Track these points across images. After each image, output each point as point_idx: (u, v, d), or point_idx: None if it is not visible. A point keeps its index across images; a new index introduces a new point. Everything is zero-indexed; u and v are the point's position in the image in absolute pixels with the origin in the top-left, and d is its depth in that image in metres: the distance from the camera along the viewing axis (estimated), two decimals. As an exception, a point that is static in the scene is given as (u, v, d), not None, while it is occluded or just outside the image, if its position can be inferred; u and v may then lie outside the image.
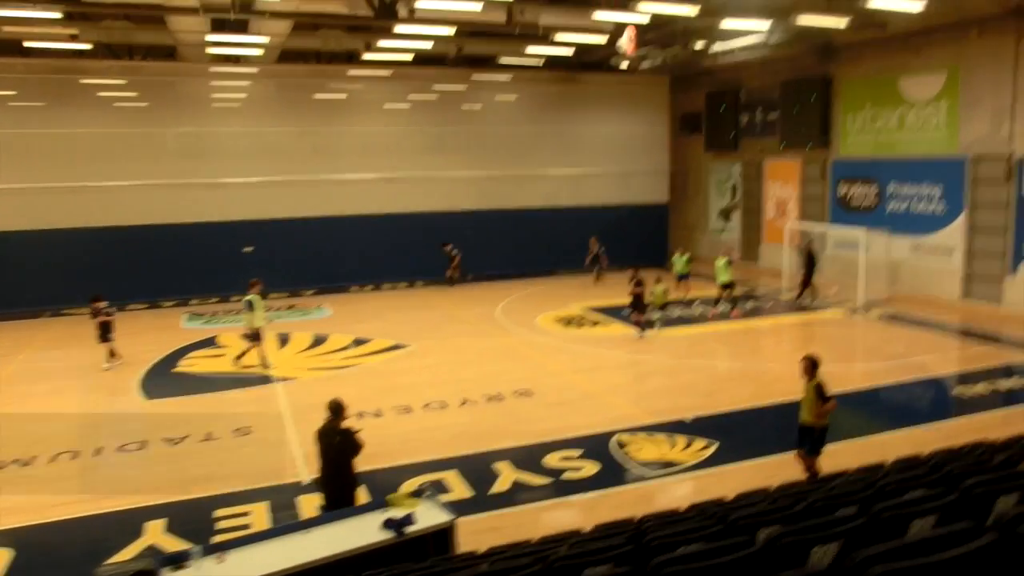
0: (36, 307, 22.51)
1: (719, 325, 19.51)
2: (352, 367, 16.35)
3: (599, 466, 10.53)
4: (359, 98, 26.39)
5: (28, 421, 13.18)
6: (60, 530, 9.19)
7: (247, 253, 24.93)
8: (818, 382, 9.25)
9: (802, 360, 9.44)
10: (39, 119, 22.72)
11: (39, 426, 12.81)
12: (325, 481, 8.28)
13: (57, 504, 9.80)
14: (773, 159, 27.56)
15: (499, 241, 27.28)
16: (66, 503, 9.83)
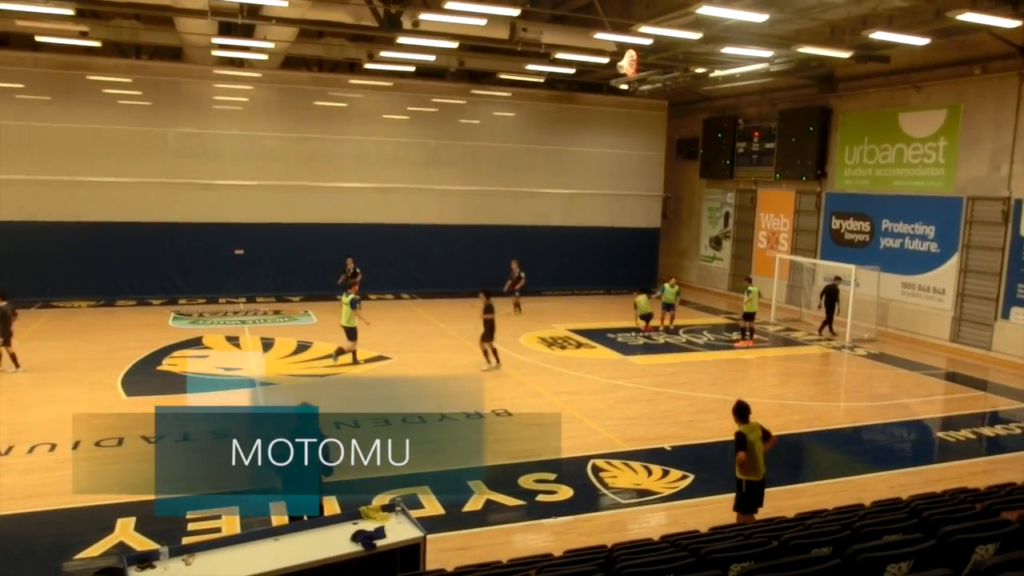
0: (28, 298, 22.40)
1: (703, 355, 19.46)
2: (333, 376, 16.19)
3: (573, 491, 10.39)
4: (358, 107, 26.42)
5: (9, 410, 13.22)
6: (32, 521, 9.22)
7: (238, 256, 24.93)
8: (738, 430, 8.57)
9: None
10: (44, 112, 22.89)
11: (20, 416, 12.93)
12: None
13: (31, 495, 9.84)
14: (767, 189, 27.62)
15: (487, 257, 27.16)
16: (40, 495, 9.85)
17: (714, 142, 29.70)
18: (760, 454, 8.44)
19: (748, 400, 8.94)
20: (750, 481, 8.49)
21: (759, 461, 8.45)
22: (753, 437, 8.44)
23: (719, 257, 30.37)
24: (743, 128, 28.50)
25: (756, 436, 8.46)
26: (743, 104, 28.49)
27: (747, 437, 8.40)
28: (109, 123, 23.53)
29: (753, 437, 8.44)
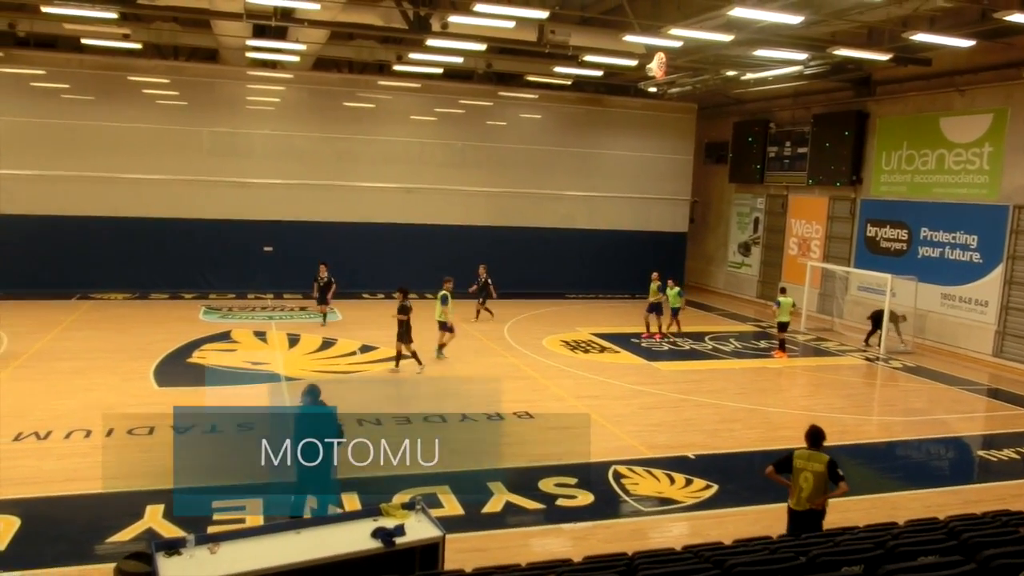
0: (68, 289, 23.47)
1: (730, 362, 19.18)
2: (357, 373, 16.25)
3: (594, 496, 10.23)
4: (386, 108, 26.57)
5: (50, 396, 13.61)
6: (66, 504, 9.48)
7: (267, 252, 25.22)
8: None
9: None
10: (87, 111, 23.62)
11: (59, 402, 13.26)
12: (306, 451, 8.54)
13: (67, 479, 10.10)
14: (799, 194, 27.21)
15: (512, 259, 27.08)
16: (75, 479, 10.10)
17: (744, 146, 29.34)
18: (808, 485, 7.70)
19: (774, 411, 8.76)
20: (790, 508, 7.95)
21: (801, 491, 7.74)
22: (804, 464, 7.76)
23: (748, 263, 29.99)
24: (775, 132, 28.11)
25: (813, 467, 7.72)
26: (775, 107, 28.11)
27: (794, 462, 7.82)
28: (147, 122, 24.15)
29: (804, 464, 7.76)
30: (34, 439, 11.48)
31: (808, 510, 7.71)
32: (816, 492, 7.65)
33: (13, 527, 8.67)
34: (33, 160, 23.27)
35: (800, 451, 7.86)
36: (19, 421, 12.11)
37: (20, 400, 13.27)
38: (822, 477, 7.63)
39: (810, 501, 7.68)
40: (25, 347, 16.94)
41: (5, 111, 23.19)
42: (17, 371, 15.15)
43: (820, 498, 7.66)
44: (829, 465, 7.64)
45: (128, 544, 8.31)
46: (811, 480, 7.66)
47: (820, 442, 7.84)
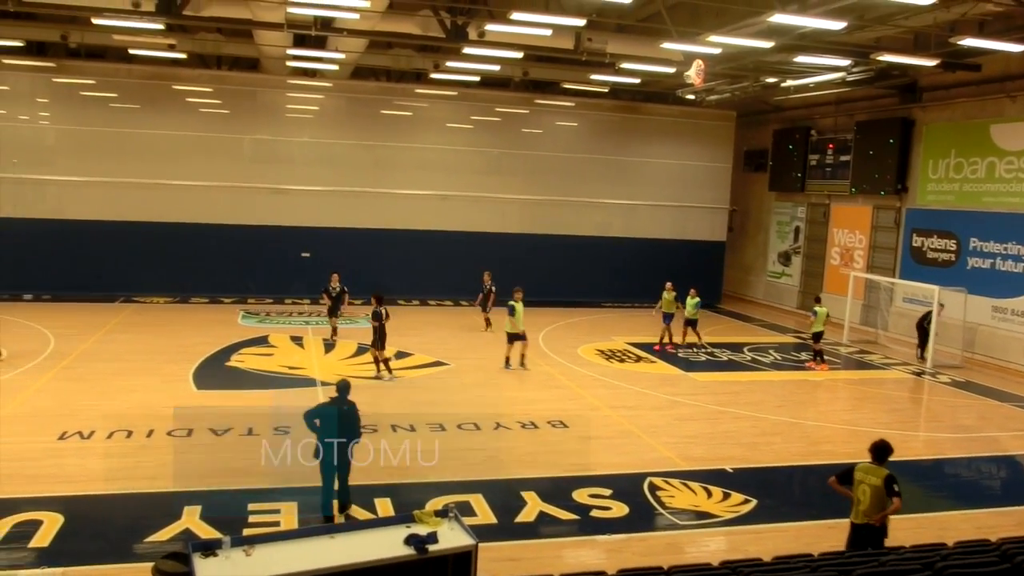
0: (112, 292, 24.09)
1: (769, 374, 18.87)
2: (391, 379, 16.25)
3: (628, 508, 10.10)
4: (423, 116, 26.75)
5: (93, 397, 13.93)
6: (107, 503, 9.68)
7: (304, 258, 25.50)
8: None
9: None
10: (133, 120, 24.25)
11: (102, 403, 13.56)
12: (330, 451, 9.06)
13: (108, 478, 10.26)
14: (842, 203, 26.74)
15: (547, 267, 27.04)
16: (116, 479, 10.27)
17: (785, 154, 28.93)
18: (865, 498, 7.60)
19: (815, 424, 8.55)
20: (851, 521, 7.86)
21: (859, 503, 7.66)
22: (863, 477, 7.67)
23: (788, 273, 29.54)
24: (816, 140, 27.68)
25: (871, 480, 7.60)
26: (816, 115, 27.69)
27: (854, 474, 7.76)
28: (191, 130, 24.70)
29: (863, 477, 7.67)
30: (78, 438, 11.72)
31: (866, 524, 7.62)
32: (873, 507, 7.56)
33: (57, 524, 8.86)
34: (82, 166, 23.89)
35: (863, 464, 7.83)
36: (64, 420, 12.37)
37: (65, 400, 13.56)
38: (879, 492, 7.53)
39: (867, 516, 7.60)
40: (71, 348, 17.31)
41: (57, 119, 23.93)
42: (63, 372, 15.48)
43: (877, 514, 7.54)
44: (886, 480, 7.54)
45: (166, 544, 8.43)
46: (868, 493, 7.58)
47: (884, 456, 7.78)
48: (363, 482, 9.87)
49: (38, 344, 17.57)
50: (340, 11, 16.92)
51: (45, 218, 23.66)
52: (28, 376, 15.01)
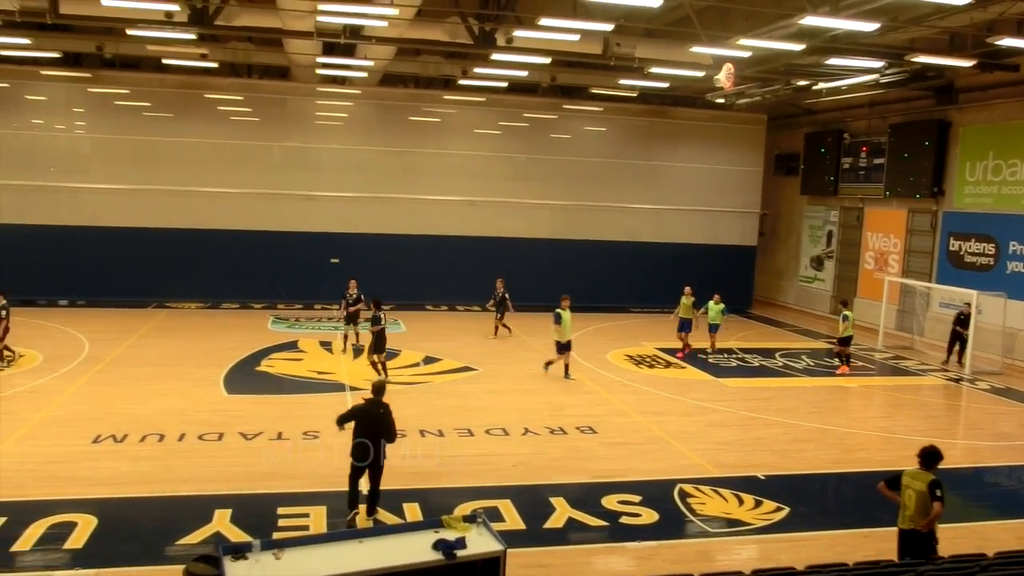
0: (145, 297, 24.53)
1: (801, 380, 18.59)
2: (420, 384, 16.34)
3: (658, 515, 9.99)
4: (451, 122, 26.89)
5: (126, 401, 14.13)
6: (140, 506, 9.78)
7: (334, 264, 25.67)
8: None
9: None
10: (165, 128, 24.69)
11: (134, 406, 13.78)
12: (361, 450, 9.18)
13: (141, 481, 10.44)
14: (876, 207, 26.33)
15: (576, 272, 26.94)
16: (148, 482, 10.45)
17: (817, 157, 28.58)
18: (911, 503, 7.53)
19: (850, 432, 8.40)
20: (899, 527, 7.78)
21: (906, 508, 7.60)
22: (909, 482, 7.61)
23: (820, 278, 29.14)
24: (849, 143, 27.31)
25: (917, 485, 7.54)
26: (849, 117, 27.33)
27: (901, 479, 7.71)
28: (221, 138, 25.09)
29: (909, 482, 7.61)
30: (111, 442, 11.88)
31: (913, 530, 7.55)
32: (918, 512, 7.49)
33: (91, 526, 8.98)
34: (117, 174, 24.37)
35: (910, 469, 7.78)
36: (98, 424, 12.56)
37: (99, 404, 13.76)
38: (924, 497, 7.47)
39: (913, 521, 7.53)
40: (105, 353, 17.59)
41: (93, 128, 24.43)
42: (97, 376, 15.72)
43: (924, 520, 7.45)
44: (931, 484, 7.48)
45: (197, 547, 8.49)
46: (914, 499, 7.54)
47: (932, 462, 7.70)
48: (391, 487, 9.88)
49: (73, 349, 17.89)
50: (369, 19, 17.04)
51: (80, 225, 24.18)
52: (63, 380, 15.27)
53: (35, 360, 16.74)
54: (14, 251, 23.46)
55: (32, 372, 15.77)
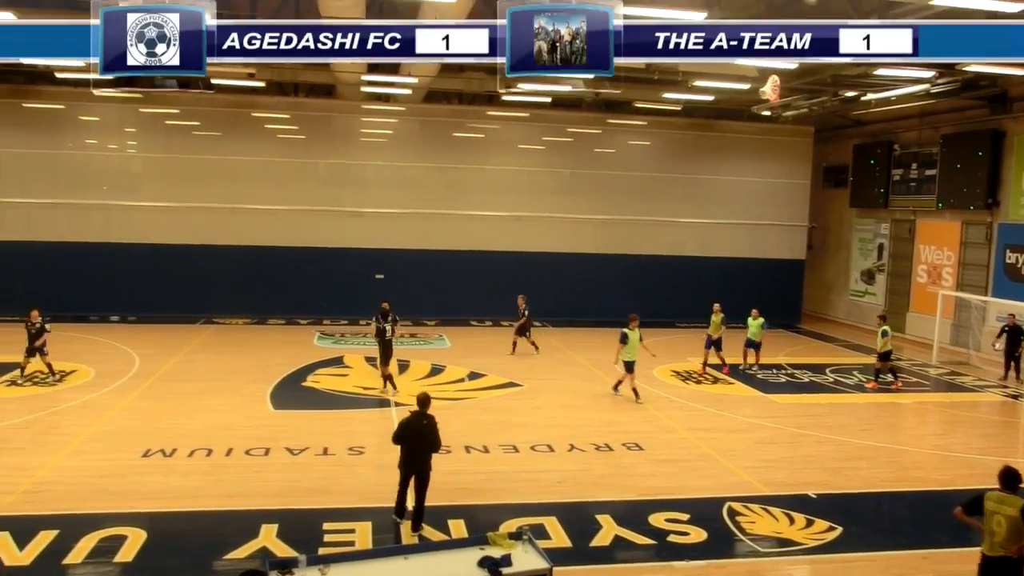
0: (193, 313, 24.90)
1: (853, 396, 18.13)
2: (465, 400, 16.32)
3: (707, 533, 9.79)
4: (495, 137, 27.00)
5: (175, 416, 14.33)
6: (188, 520, 9.93)
7: (378, 279, 25.86)
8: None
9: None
10: (214, 146, 25.26)
11: (183, 421, 13.98)
12: (406, 462, 9.46)
13: (189, 496, 10.59)
14: (928, 219, 25.70)
15: (621, 287, 26.77)
16: (196, 496, 10.61)
17: (866, 169, 28.03)
18: (1000, 530, 7.15)
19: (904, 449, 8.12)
20: (982, 553, 7.41)
21: (994, 535, 7.20)
22: (996, 507, 7.21)
23: (871, 292, 28.49)
24: (899, 154, 26.73)
25: (1006, 511, 7.14)
26: (899, 128, 26.76)
27: (985, 503, 7.32)
28: (268, 155, 25.52)
29: (996, 507, 7.21)
30: (160, 456, 12.04)
31: (1002, 557, 7.17)
32: (1010, 538, 7.10)
33: (140, 539, 9.09)
34: (166, 192, 24.94)
35: (992, 492, 7.37)
36: (147, 439, 12.75)
37: (149, 419, 13.98)
38: (1016, 522, 7.07)
39: (1004, 548, 7.15)
40: (154, 368, 17.91)
41: (144, 148, 25.12)
42: (147, 391, 16.00)
43: (1015, 545, 7.08)
44: (1023, 510, 7.08)
45: (244, 561, 8.54)
46: (1004, 525, 7.13)
47: (1015, 484, 7.30)
48: (437, 503, 9.86)
49: (124, 364, 18.25)
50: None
51: (131, 242, 24.73)
52: (114, 395, 15.57)
53: (87, 375, 17.11)
54: (68, 268, 24.15)
55: (84, 387, 16.13)
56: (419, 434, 9.42)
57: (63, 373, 16.85)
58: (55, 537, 9.01)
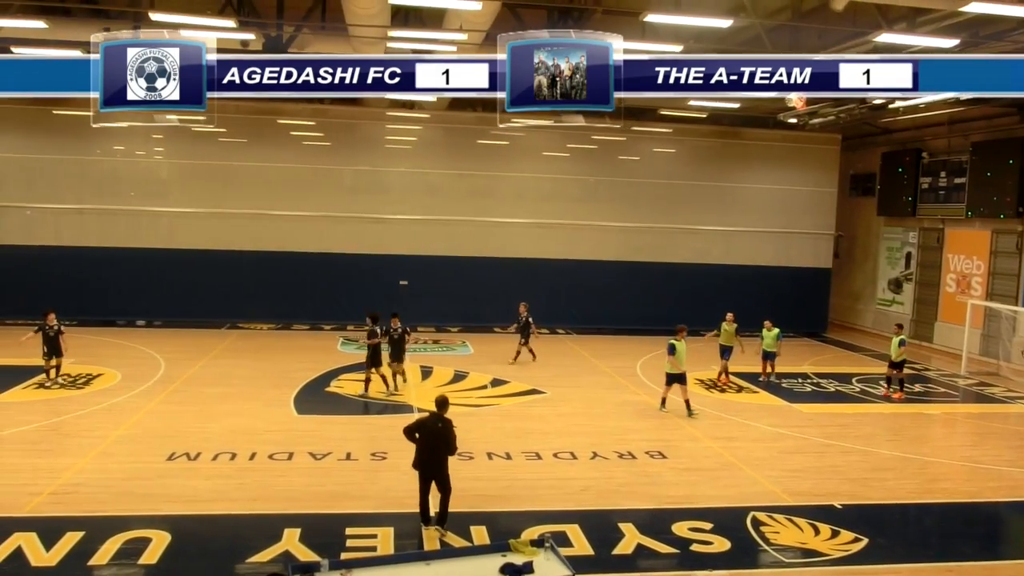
0: (219, 318, 25.14)
1: (879, 406, 17.89)
2: (488, 407, 16.31)
3: (730, 543, 9.69)
4: (519, 145, 26.94)
5: (199, 420, 14.46)
6: (212, 523, 9.98)
7: (402, 286, 25.95)
8: None
9: None
10: (239, 153, 25.43)
11: (207, 425, 14.08)
12: (421, 462, 9.59)
13: (212, 499, 10.66)
14: (957, 228, 25.33)
15: (645, 294, 26.69)
16: (220, 500, 10.67)
17: (894, 177, 27.70)
18: None
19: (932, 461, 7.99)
20: None
21: None
22: None
23: (899, 301, 28.12)
24: (928, 162, 26.40)
25: None
26: (928, 136, 26.43)
27: None
28: (293, 162, 25.72)
29: None
30: (185, 459, 12.14)
31: None
32: None
33: (165, 542, 9.16)
34: (193, 198, 25.24)
35: None
36: (172, 442, 12.87)
37: (174, 422, 14.12)
38: None
39: None
40: (179, 372, 18.10)
41: (171, 154, 25.41)
42: (172, 395, 16.17)
43: None
44: None
45: (266, 565, 8.58)
46: None
47: None
48: (459, 509, 9.86)
49: (150, 368, 18.46)
50: (438, 45, 17.30)
51: (158, 248, 25.05)
52: (140, 399, 15.74)
53: (113, 379, 17.33)
54: (96, 272, 24.54)
55: (111, 390, 16.32)
56: (433, 435, 9.51)
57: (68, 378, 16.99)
58: (81, 538, 9.11)
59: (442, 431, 9.53)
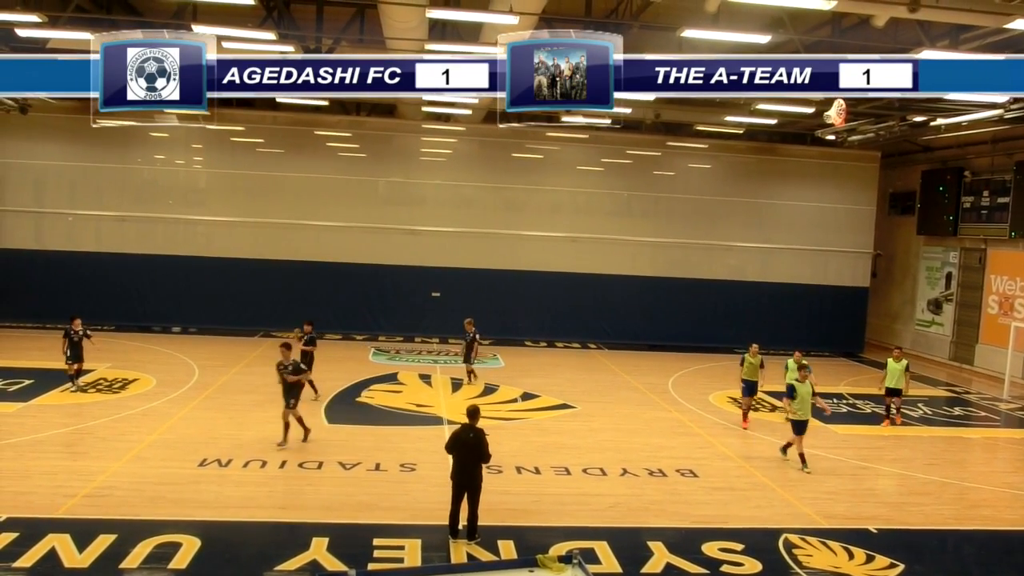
0: (251, 327, 25.38)
1: (917, 429, 17.48)
2: (518, 420, 16.24)
3: (762, 565, 9.51)
4: (553, 158, 26.97)
5: (231, 427, 14.62)
6: (241, 530, 10.06)
7: (435, 297, 26.04)
8: None
9: None
10: (277, 164, 25.74)
11: (239, 432, 14.30)
12: (457, 473, 9.74)
13: (242, 506, 10.76)
14: (1000, 248, 24.80)
15: (678, 311, 26.47)
16: (249, 507, 10.77)
17: (934, 196, 27.22)
18: None
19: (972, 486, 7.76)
20: None
21: None
22: None
23: (939, 322, 27.54)
24: (970, 180, 25.90)
25: None
26: (970, 154, 25.94)
27: None
28: (329, 173, 25.95)
29: None
30: (216, 466, 12.25)
31: None
32: None
33: (194, 547, 9.24)
34: (230, 208, 25.59)
35: None
36: (204, 448, 13.01)
37: (206, 429, 14.27)
38: None
39: None
40: (213, 379, 18.31)
41: (210, 164, 25.84)
42: (205, 401, 16.35)
43: None
44: None
45: (293, 574, 8.63)
46: None
47: None
48: (487, 523, 9.83)
49: (184, 374, 18.68)
50: (474, 57, 17.39)
51: (195, 255, 25.39)
52: (174, 404, 15.94)
53: (149, 384, 17.57)
54: (134, 279, 24.95)
55: (146, 396, 16.55)
56: (466, 446, 9.66)
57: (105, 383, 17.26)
58: (113, 541, 9.22)
59: (474, 441, 9.63)
